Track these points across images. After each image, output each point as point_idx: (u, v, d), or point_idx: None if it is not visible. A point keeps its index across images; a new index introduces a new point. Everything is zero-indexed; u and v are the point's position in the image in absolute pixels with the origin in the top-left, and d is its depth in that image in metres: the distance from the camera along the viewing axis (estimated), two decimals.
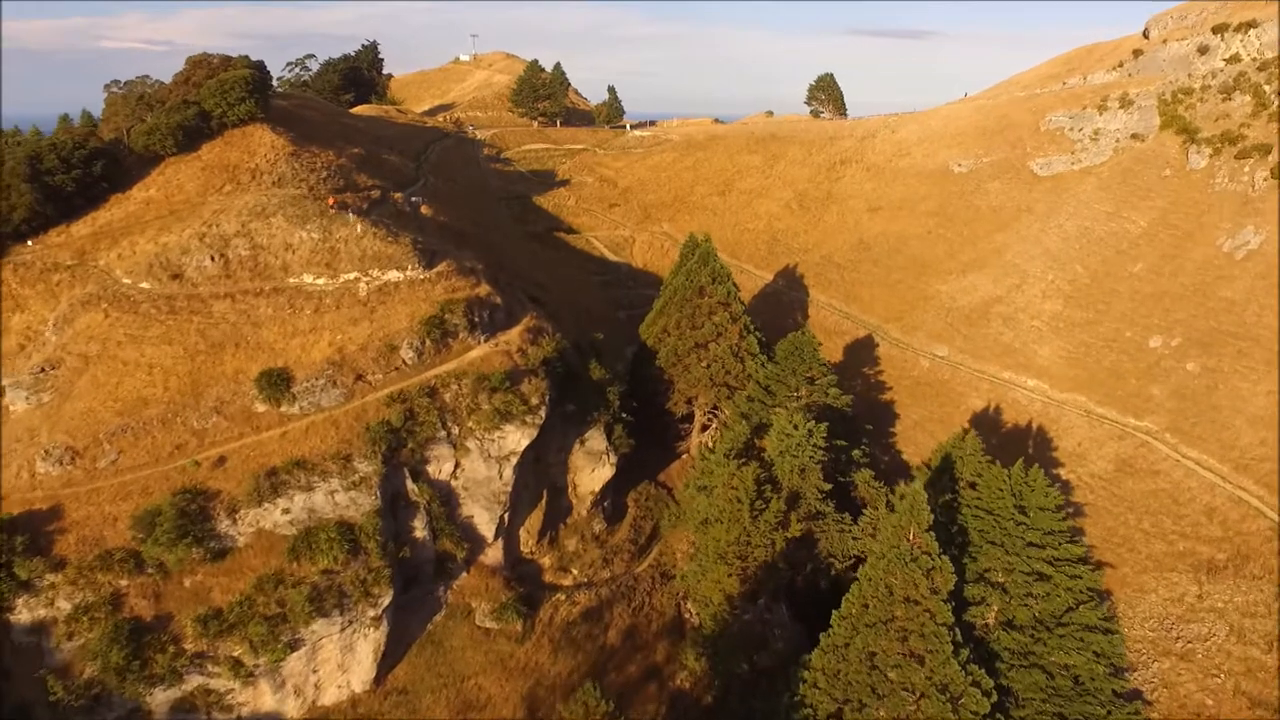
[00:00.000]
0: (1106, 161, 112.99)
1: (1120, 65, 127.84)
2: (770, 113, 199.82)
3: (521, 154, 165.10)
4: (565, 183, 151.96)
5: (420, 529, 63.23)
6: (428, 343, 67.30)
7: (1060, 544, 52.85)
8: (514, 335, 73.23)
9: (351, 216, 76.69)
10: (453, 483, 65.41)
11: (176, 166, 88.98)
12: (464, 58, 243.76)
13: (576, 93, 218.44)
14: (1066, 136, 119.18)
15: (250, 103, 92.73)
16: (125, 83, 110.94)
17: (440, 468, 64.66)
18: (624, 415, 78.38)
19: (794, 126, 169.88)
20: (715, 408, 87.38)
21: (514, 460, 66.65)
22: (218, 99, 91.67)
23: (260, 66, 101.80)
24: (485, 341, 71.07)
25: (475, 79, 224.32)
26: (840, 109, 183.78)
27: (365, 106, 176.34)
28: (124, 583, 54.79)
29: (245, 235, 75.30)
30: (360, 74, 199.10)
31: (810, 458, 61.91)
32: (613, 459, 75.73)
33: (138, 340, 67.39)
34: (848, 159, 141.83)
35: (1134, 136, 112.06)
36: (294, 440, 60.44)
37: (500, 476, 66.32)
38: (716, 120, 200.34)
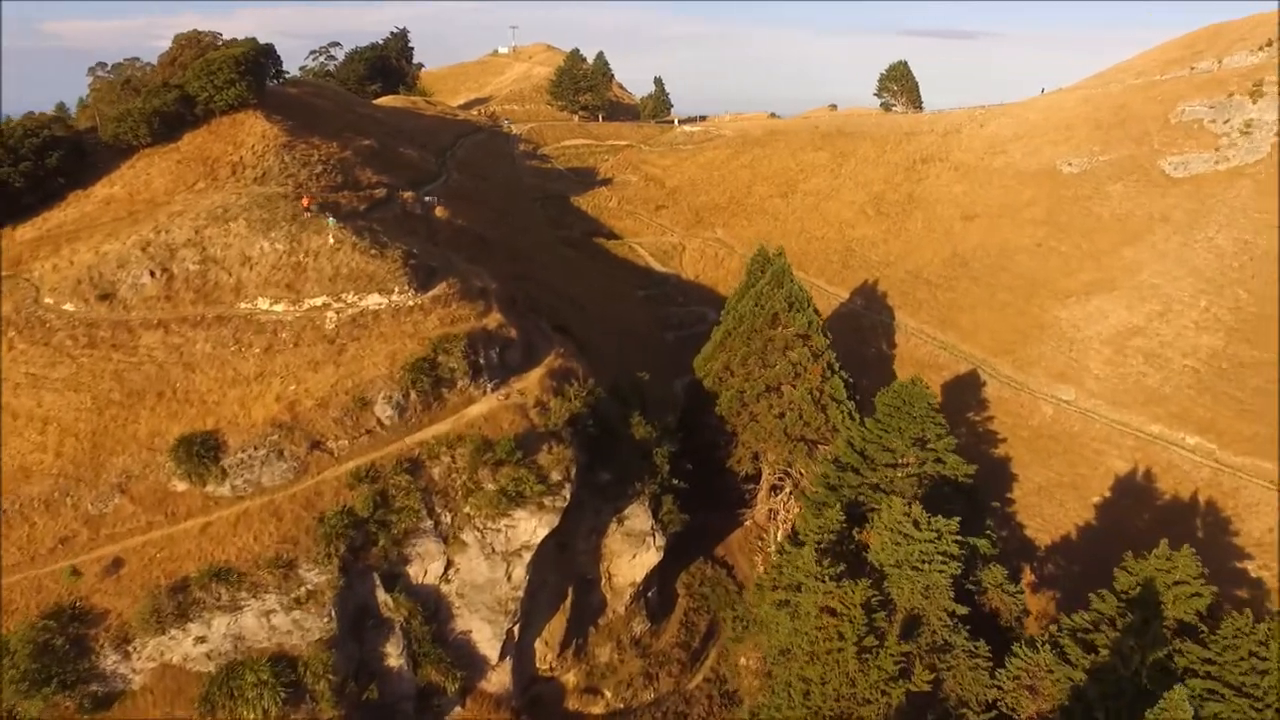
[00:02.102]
0: (1263, 160, 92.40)
1: (1269, 44, 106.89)
2: (834, 106, 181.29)
3: (560, 150, 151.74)
4: (607, 181, 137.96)
5: (395, 655, 45.91)
6: (413, 395, 49.90)
7: None
8: (532, 381, 55.67)
9: (331, 221, 59.93)
10: (443, 588, 47.97)
11: (149, 159, 75.45)
12: (503, 50, 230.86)
13: (620, 86, 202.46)
14: (1207, 130, 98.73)
15: (240, 86, 78.40)
16: (112, 65, 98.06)
17: (425, 569, 47.29)
18: (675, 482, 60.49)
19: (863, 121, 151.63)
20: (790, 465, 69.30)
21: (527, 556, 49.12)
22: (203, 81, 77.95)
23: (267, 49, 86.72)
24: (493, 391, 53.58)
25: (514, 72, 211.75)
26: (915, 102, 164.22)
27: (391, 97, 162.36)
28: None
29: (196, 245, 59.44)
30: (388, 63, 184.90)
31: (940, 572, 43.66)
32: (660, 541, 57.98)
33: (39, 384, 51.31)
34: (929, 157, 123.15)
35: None
36: (218, 537, 43.46)
37: (509, 578, 48.80)
38: (773, 115, 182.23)
